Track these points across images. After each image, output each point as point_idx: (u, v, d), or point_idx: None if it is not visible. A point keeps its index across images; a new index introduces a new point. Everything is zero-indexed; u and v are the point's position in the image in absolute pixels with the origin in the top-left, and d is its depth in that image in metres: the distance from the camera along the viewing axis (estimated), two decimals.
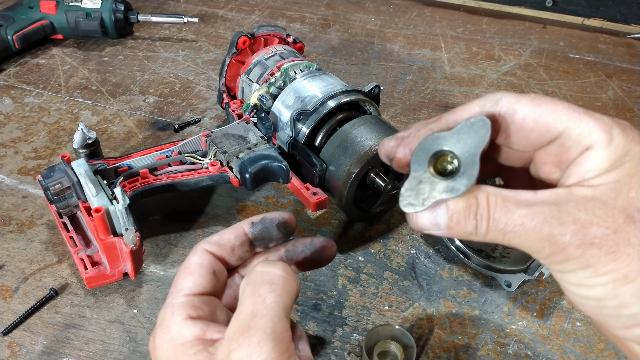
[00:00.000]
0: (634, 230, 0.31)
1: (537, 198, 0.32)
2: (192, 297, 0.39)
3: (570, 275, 0.33)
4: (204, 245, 0.42)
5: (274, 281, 0.36)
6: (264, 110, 0.68)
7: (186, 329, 0.37)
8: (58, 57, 0.98)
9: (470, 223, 0.33)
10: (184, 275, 0.40)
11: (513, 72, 0.97)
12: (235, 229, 0.43)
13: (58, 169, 0.61)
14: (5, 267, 0.62)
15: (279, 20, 1.12)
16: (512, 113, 0.35)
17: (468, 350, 0.55)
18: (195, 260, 0.41)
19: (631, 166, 0.33)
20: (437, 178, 0.33)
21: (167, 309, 0.39)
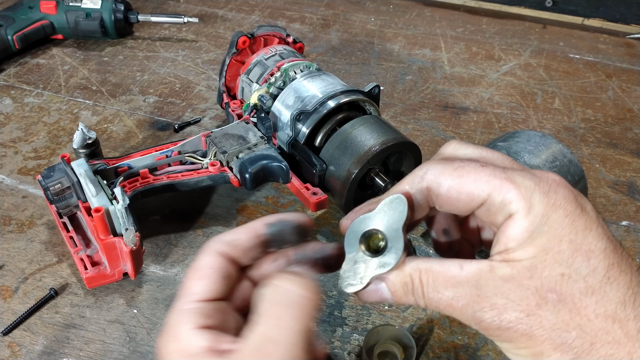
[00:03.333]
0: (545, 312, 0.33)
1: (462, 277, 0.34)
2: (202, 304, 0.37)
3: (498, 344, 0.35)
4: (216, 245, 0.39)
5: (293, 303, 0.34)
6: (264, 110, 0.68)
7: (196, 339, 0.35)
8: (58, 57, 0.98)
9: (410, 298, 0.36)
10: (194, 279, 0.38)
11: (513, 72, 0.97)
12: (250, 229, 0.40)
13: (58, 169, 0.61)
14: (5, 267, 0.62)
15: (279, 20, 1.12)
16: (437, 186, 0.36)
17: (468, 350, 0.55)
18: (207, 263, 0.38)
19: (547, 239, 0.33)
20: (369, 256, 0.36)
21: (176, 315, 0.37)
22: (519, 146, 0.57)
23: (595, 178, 0.75)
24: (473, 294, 0.34)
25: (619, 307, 0.33)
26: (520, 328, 0.33)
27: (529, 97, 0.91)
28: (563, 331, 0.33)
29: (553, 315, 0.33)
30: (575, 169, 0.58)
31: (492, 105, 0.89)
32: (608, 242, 0.34)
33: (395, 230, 0.35)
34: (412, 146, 0.63)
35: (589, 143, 0.82)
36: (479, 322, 0.34)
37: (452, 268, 0.35)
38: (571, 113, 0.88)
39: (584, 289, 0.33)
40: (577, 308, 0.33)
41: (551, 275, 0.33)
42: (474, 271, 0.34)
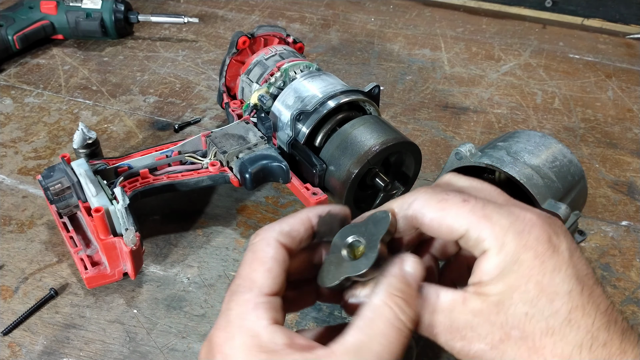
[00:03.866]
0: (507, 347, 0.35)
1: (438, 306, 0.37)
2: (273, 299, 0.36)
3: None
4: (277, 236, 0.38)
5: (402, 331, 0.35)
6: (264, 110, 0.68)
7: (277, 335, 0.34)
8: (58, 57, 0.98)
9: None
10: (261, 270, 0.36)
11: (513, 72, 0.97)
12: (303, 220, 0.40)
13: (58, 169, 0.61)
14: (5, 267, 0.62)
15: (279, 20, 1.12)
16: (421, 216, 0.39)
17: None
18: (271, 254, 0.37)
19: (516, 278, 0.35)
20: (346, 259, 0.39)
21: (247, 307, 0.35)
22: (519, 146, 0.57)
23: (595, 178, 0.76)
24: (446, 324, 0.37)
25: (575, 350, 0.35)
26: (485, 358, 0.36)
27: (529, 97, 0.91)
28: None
29: (513, 351, 0.35)
30: (575, 168, 0.58)
31: (492, 105, 0.89)
32: (576, 283, 0.36)
33: (375, 241, 0.38)
34: (412, 146, 0.63)
35: (588, 143, 0.82)
36: (452, 349, 0.37)
37: (430, 295, 0.37)
38: (571, 113, 0.88)
39: (545, 329, 0.35)
40: (536, 347, 0.35)
41: (516, 312, 0.35)
42: (449, 302, 0.37)
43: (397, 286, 0.36)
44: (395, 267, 0.37)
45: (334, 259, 0.40)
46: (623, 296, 0.60)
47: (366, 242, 0.39)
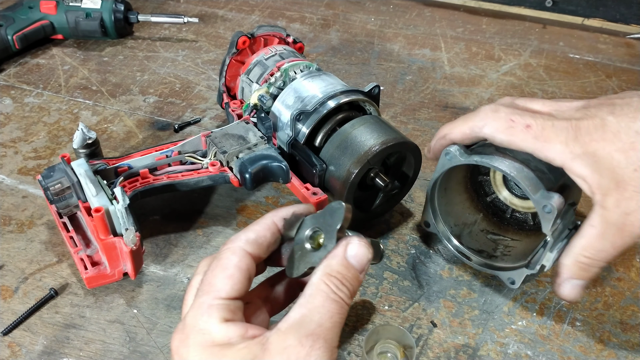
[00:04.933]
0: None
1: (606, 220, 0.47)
2: (229, 302, 0.38)
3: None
4: (244, 245, 0.41)
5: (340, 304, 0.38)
6: (264, 110, 0.68)
7: (229, 329, 0.37)
8: (58, 57, 0.98)
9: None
10: (222, 277, 0.39)
11: (513, 72, 0.97)
12: (269, 225, 0.43)
13: (58, 169, 0.61)
14: (5, 267, 0.62)
15: (279, 20, 1.12)
16: (492, 138, 0.49)
17: (468, 350, 0.55)
18: (235, 262, 0.40)
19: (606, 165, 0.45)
20: (310, 250, 0.42)
21: (201, 309, 0.38)
22: None
23: None
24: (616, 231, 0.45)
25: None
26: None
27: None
28: None
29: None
30: None
31: None
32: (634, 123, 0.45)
33: (331, 232, 0.41)
34: (412, 146, 0.62)
35: None
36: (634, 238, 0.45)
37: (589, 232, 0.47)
38: None
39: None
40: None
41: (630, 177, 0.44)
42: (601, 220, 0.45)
43: (334, 267, 0.39)
44: (339, 249, 0.40)
45: (298, 249, 0.43)
46: (623, 296, 0.60)
47: (325, 233, 0.42)
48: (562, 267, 0.49)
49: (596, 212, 0.45)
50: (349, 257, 0.40)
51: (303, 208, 0.45)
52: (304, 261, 0.42)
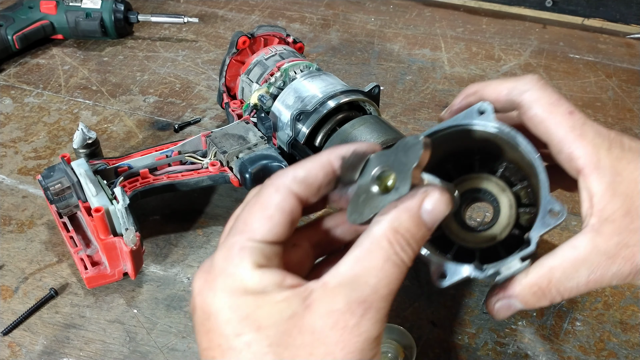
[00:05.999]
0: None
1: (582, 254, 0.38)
2: (264, 245, 0.34)
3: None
4: (290, 183, 0.35)
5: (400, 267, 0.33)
6: (264, 110, 0.68)
7: (263, 276, 0.32)
8: (58, 57, 0.98)
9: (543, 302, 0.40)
10: (259, 216, 0.34)
11: (513, 72, 0.97)
12: (325, 164, 0.37)
13: (58, 169, 0.61)
14: (5, 267, 0.62)
15: (279, 20, 1.12)
16: (527, 107, 0.41)
17: (468, 350, 0.55)
18: (277, 202, 0.35)
19: (627, 185, 0.39)
20: (378, 194, 0.36)
21: (232, 251, 0.33)
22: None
23: None
24: (602, 261, 0.38)
25: None
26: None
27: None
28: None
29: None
30: None
31: None
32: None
33: (405, 172, 0.35)
34: None
35: None
36: (619, 277, 0.38)
37: (567, 253, 0.38)
38: None
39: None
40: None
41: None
42: (589, 244, 0.38)
43: (404, 224, 0.34)
44: (415, 200, 0.35)
45: (362, 192, 0.37)
46: (623, 296, 0.60)
47: (397, 174, 0.35)
48: (515, 284, 0.40)
49: (585, 234, 0.38)
50: (424, 212, 0.35)
51: (366, 146, 0.38)
52: (369, 206, 0.36)
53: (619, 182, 0.38)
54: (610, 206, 0.38)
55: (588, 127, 0.40)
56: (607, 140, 0.39)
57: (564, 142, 0.39)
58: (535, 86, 0.42)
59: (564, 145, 0.39)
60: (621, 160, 0.39)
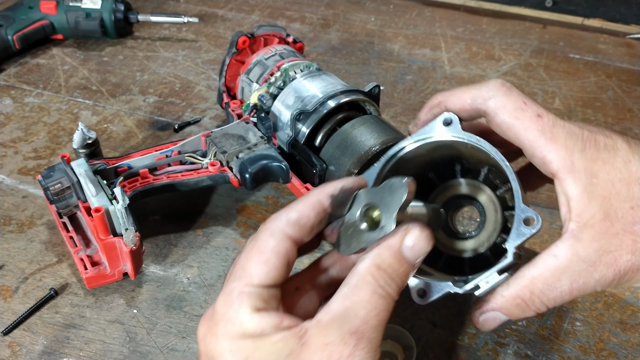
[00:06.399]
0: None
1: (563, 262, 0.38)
2: (262, 290, 0.35)
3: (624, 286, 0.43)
4: (284, 227, 0.37)
5: (387, 299, 0.35)
6: (264, 110, 0.68)
7: (262, 319, 0.34)
8: (58, 57, 0.98)
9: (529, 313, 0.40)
10: (256, 261, 0.36)
11: (513, 72, 0.97)
12: (314, 204, 0.38)
13: (58, 169, 0.61)
14: (5, 267, 0.62)
15: (278, 20, 1.12)
16: (494, 115, 0.41)
17: (468, 350, 0.55)
18: (272, 246, 0.36)
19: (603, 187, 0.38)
20: (365, 229, 0.38)
21: (231, 297, 0.34)
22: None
23: None
24: (583, 269, 0.37)
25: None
26: (633, 266, 0.37)
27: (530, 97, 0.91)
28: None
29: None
30: None
31: None
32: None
33: (390, 212, 0.37)
34: None
35: None
36: (603, 284, 0.37)
37: (548, 262, 0.38)
38: (571, 113, 0.88)
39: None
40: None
41: (624, 213, 0.37)
42: (569, 252, 0.37)
43: (386, 260, 0.36)
44: (395, 238, 0.36)
45: (350, 226, 0.39)
46: (623, 296, 0.60)
47: (383, 212, 0.37)
48: (497, 296, 0.39)
49: (564, 241, 0.37)
50: (405, 248, 0.36)
51: (352, 182, 0.40)
52: (356, 240, 0.38)
53: (595, 184, 0.37)
54: (589, 210, 0.37)
55: (559, 128, 0.39)
56: (580, 140, 0.39)
57: (535, 147, 0.39)
58: (499, 92, 0.41)
59: (535, 149, 0.39)
60: (596, 161, 0.38)
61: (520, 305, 0.39)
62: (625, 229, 0.37)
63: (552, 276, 0.37)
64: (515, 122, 0.40)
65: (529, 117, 0.39)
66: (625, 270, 0.37)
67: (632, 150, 0.39)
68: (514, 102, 0.40)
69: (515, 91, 0.41)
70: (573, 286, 0.37)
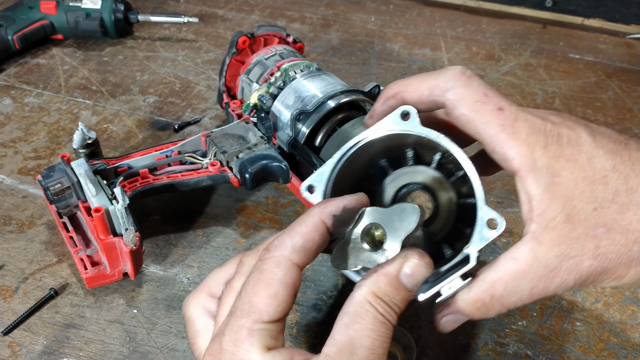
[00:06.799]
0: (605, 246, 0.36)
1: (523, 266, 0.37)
2: (271, 326, 0.34)
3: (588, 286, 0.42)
4: (290, 255, 0.35)
5: (387, 325, 0.35)
6: (264, 110, 0.68)
7: (274, 359, 0.33)
8: (58, 57, 0.98)
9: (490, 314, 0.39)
10: (264, 295, 0.34)
11: (513, 72, 0.97)
12: (317, 226, 0.37)
13: (58, 169, 0.61)
14: (5, 267, 0.62)
15: (279, 20, 1.12)
16: (452, 107, 0.38)
17: (468, 350, 0.55)
18: (279, 277, 0.34)
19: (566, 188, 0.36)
20: (367, 249, 0.37)
21: (240, 334, 0.33)
22: None
23: None
24: (543, 274, 0.36)
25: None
26: (595, 271, 0.36)
27: (529, 97, 0.91)
28: (627, 251, 0.36)
29: (612, 244, 0.36)
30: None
31: None
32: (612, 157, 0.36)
33: (397, 236, 0.36)
34: None
35: None
36: (564, 288, 0.37)
37: (508, 266, 0.37)
38: (571, 113, 0.87)
39: (619, 208, 0.36)
40: (624, 228, 0.36)
41: (587, 215, 0.36)
42: (529, 255, 0.36)
43: (383, 289, 0.35)
44: (393, 266, 0.36)
45: (351, 242, 0.38)
46: (623, 296, 0.60)
47: (389, 234, 0.37)
48: (458, 300, 0.39)
49: (525, 244, 0.36)
50: (402, 276, 0.36)
51: (355, 201, 0.38)
52: (356, 258, 0.37)
53: (557, 183, 0.36)
54: (551, 211, 0.36)
55: (521, 122, 0.37)
56: (542, 135, 0.36)
57: (495, 143, 0.37)
58: (458, 83, 0.38)
59: (496, 145, 0.37)
60: (559, 158, 0.36)
61: (480, 309, 0.38)
62: (587, 232, 0.35)
63: (512, 280, 0.36)
64: (475, 116, 0.37)
65: (490, 111, 0.37)
66: (587, 275, 0.36)
67: (596, 144, 0.37)
68: (474, 94, 0.38)
69: (476, 81, 0.39)
70: (533, 291, 0.36)
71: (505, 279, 0.37)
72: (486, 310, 0.38)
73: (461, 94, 0.38)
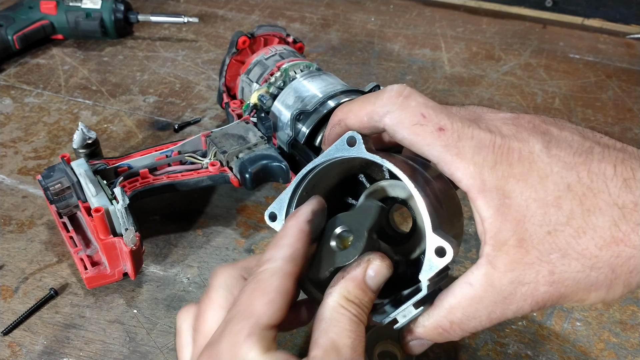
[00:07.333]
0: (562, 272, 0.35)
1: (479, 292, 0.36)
2: (269, 331, 0.35)
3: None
4: (284, 265, 0.37)
5: (361, 325, 0.36)
6: (264, 110, 0.68)
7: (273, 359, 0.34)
8: (58, 57, 0.98)
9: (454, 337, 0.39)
10: (263, 302, 0.35)
11: (513, 72, 0.97)
12: (298, 234, 0.38)
13: (58, 169, 0.61)
14: (5, 267, 0.62)
15: (279, 20, 1.12)
16: (393, 132, 0.38)
17: (468, 350, 0.55)
18: (275, 285, 0.36)
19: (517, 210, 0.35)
20: (337, 250, 0.40)
21: (239, 337, 0.34)
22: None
23: None
24: (499, 300, 0.36)
25: (613, 228, 0.34)
26: (552, 297, 0.35)
27: (529, 97, 0.91)
28: (584, 277, 0.34)
29: (567, 270, 0.34)
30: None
31: (492, 105, 0.89)
32: (569, 174, 0.34)
33: (361, 230, 0.39)
34: None
35: None
36: (522, 313, 0.36)
37: (465, 291, 0.36)
38: (571, 113, 0.88)
39: (574, 232, 0.34)
40: (580, 253, 0.34)
41: (541, 240, 0.34)
42: (483, 280, 0.36)
43: (352, 292, 0.37)
44: (359, 270, 0.37)
45: (323, 249, 0.40)
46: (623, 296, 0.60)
47: (354, 232, 0.39)
48: (419, 327, 0.39)
49: (480, 268, 0.35)
50: (368, 279, 0.37)
51: (315, 202, 0.40)
52: (329, 262, 0.39)
53: (507, 205, 0.34)
54: (503, 234, 0.34)
55: (465, 142, 0.35)
56: (491, 153, 0.35)
57: (442, 164, 0.36)
58: (394, 107, 0.37)
59: (443, 166, 0.36)
60: (508, 179, 0.34)
61: (442, 334, 0.39)
62: (541, 258, 0.34)
63: (469, 306, 0.36)
64: (416, 139, 0.36)
65: (430, 132, 0.36)
66: (543, 301, 0.35)
67: (551, 158, 0.35)
68: (410, 117, 0.37)
69: (413, 101, 0.37)
70: (491, 316, 0.36)
71: (462, 305, 0.36)
72: (448, 335, 0.38)
73: (398, 117, 0.37)
